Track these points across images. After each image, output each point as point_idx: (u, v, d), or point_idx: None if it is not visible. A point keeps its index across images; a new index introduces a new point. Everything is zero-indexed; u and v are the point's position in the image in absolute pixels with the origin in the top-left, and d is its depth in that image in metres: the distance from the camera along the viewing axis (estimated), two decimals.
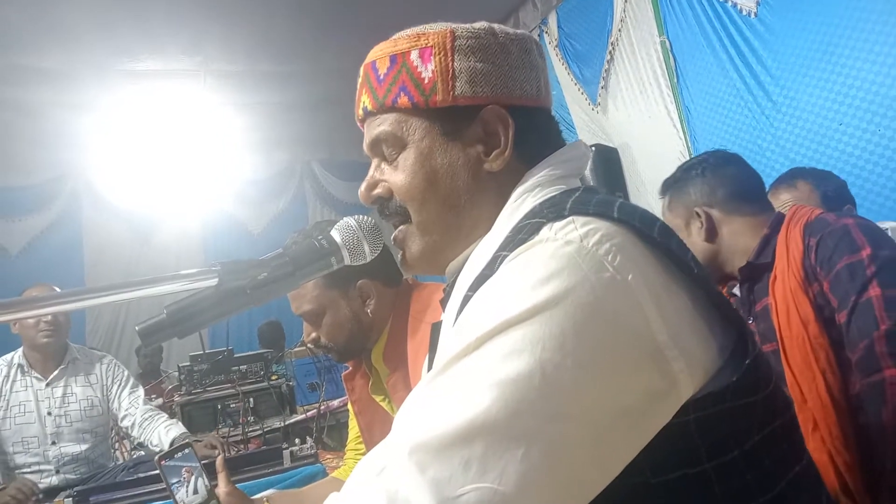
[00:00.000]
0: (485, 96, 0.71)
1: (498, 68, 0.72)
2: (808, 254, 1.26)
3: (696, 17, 2.93)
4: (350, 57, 0.89)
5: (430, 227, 0.74)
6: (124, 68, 4.23)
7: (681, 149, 3.10)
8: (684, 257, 0.59)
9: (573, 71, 3.74)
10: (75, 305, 0.61)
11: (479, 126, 0.72)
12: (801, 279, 1.25)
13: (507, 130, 0.71)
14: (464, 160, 0.72)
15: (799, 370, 1.23)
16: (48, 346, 2.54)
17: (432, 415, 0.52)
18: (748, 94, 2.68)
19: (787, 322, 1.26)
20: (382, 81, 0.73)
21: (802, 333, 1.23)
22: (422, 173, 0.72)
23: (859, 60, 2.24)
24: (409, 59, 0.71)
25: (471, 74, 0.70)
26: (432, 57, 0.70)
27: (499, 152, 0.72)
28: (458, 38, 0.71)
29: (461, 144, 0.72)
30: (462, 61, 0.71)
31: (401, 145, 0.73)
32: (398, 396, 1.33)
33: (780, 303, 1.28)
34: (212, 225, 6.02)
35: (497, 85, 0.71)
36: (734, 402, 0.56)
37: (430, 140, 0.72)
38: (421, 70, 0.71)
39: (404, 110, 0.72)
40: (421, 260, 0.76)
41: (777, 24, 2.54)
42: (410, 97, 0.71)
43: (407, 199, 0.73)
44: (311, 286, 1.34)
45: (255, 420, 2.85)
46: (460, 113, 0.71)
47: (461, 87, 0.70)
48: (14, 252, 5.21)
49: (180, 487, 1.29)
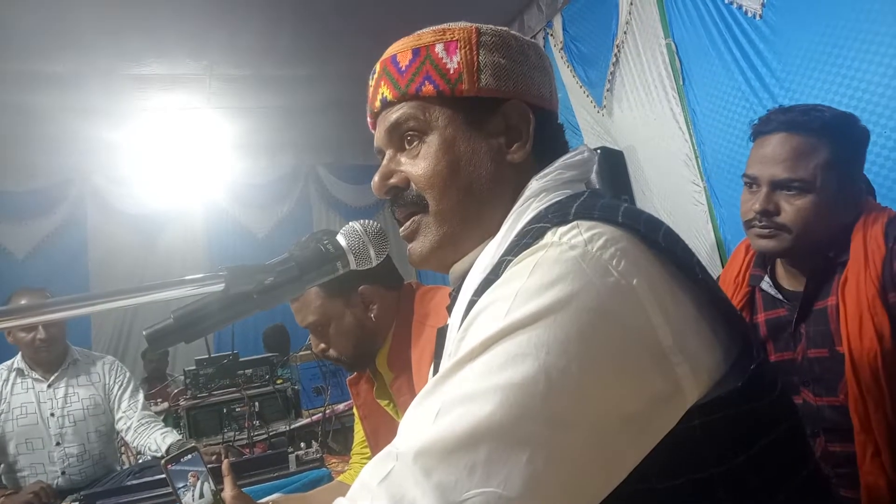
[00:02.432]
0: (507, 90, 0.73)
1: (519, 66, 0.74)
2: (890, 258, 1.13)
3: (701, 19, 2.92)
4: (355, 61, 0.89)
5: (449, 215, 0.73)
6: (130, 73, 4.25)
7: (686, 151, 3.09)
8: (689, 262, 0.59)
9: (578, 74, 3.74)
10: (82, 311, 0.62)
11: (500, 119, 0.74)
12: (880, 286, 1.12)
13: (528, 125, 0.74)
14: (486, 149, 0.73)
15: (867, 387, 1.10)
16: (47, 357, 2.56)
17: (437, 420, 0.52)
18: (753, 96, 2.67)
19: (859, 332, 1.12)
20: (405, 72, 0.73)
21: (875, 347, 1.09)
22: (445, 160, 0.73)
23: (865, 62, 2.23)
24: (433, 52, 0.73)
25: (495, 68, 0.72)
26: (458, 50, 0.72)
27: (520, 145, 0.74)
28: (483, 35, 0.73)
29: (484, 134, 0.74)
30: (487, 56, 0.73)
31: (422, 131, 0.74)
32: (403, 400, 1.33)
33: (851, 309, 1.14)
34: (216, 228, 6.03)
35: (518, 82, 0.74)
36: (739, 407, 0.56)
37: (454, 128, 0.73)
38: (446, 61, 0.72)
39: (428, 98, 0.73)
40: (432, 252, 0.75)
41: (782, 26, 2.53)
42: (436, 85, 0.72)
43: (427, 186, 0.73)
44: (314, 297, 1.34)
45: (261, 424, 2.86)
46: (484, 104, 0.73)
47: (486, 79, 0.72)
48: (20, 256, 5.24)
49: (186, 492, 1.29)
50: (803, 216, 1.18)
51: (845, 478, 1.16)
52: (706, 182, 3.00)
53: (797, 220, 1.19)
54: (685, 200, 3.13)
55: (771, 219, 1.21)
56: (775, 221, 1.21)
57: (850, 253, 1.18)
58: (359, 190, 6.28)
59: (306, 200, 6.34)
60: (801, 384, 1.25)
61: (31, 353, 2.51)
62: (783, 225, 1.20)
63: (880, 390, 1.09)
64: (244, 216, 6.11)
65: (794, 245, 1.20)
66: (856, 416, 1.11)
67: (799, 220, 1.19)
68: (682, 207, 3.15)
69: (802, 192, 1.19)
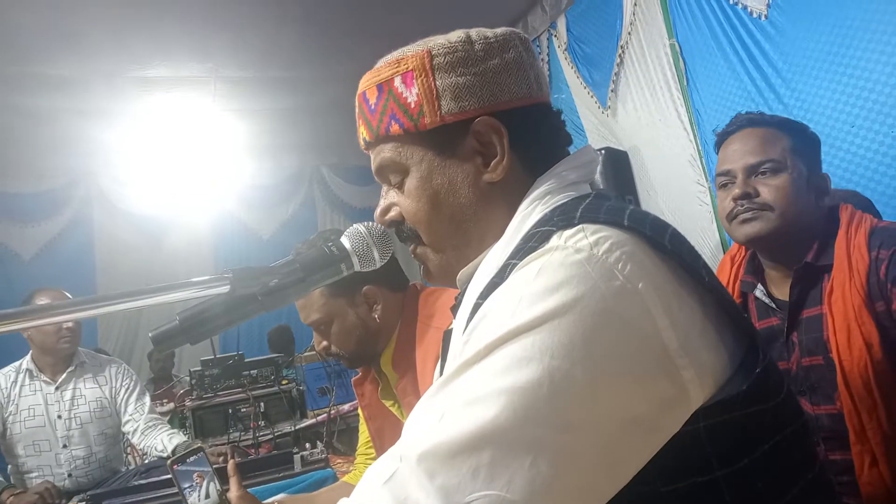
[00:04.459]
0: (472, 109, 0.71)
1: (481, 77, 0.71)
2: (875, 267, 1.13)
3: (705, 19, 2.92)
4: (359, 63, 0.89)
5: (441, 245, 0.75)
6: (135, 75, 4.27)
7: (691, 152, 3.09)
8: (695, 265, 0.59)
9: (582, 74, 3.73)
10: (90, 313, 0.62)
11: (472, 139, 0.72)
12: (866, 295, 1.12)
13: (502, 138, 0.71)
14: (462, 176, 0.72)
15: (860, 397, 1.10)
16: (66, 352, 2.57)
17: (441, 422, 0.52)
18: (759, 96, 2.66)
19: (848, 342, 1.12)
20: (374, 112, 0.74)
21: (865, 357, 1.10)
22: (425, 196, 0.73)
23: (871, 62, 2.23)
24: (393, 87, 0.72)
25: (454, 90, 0.70)
26: (414, 80, 0.71)
27: (497, 161, 0.72)
28: (436, 57, 0.71)
29: (458, 161, 0.72)
30: (443, 79, 0.70)
31: (403, 171, 0.74)
32: (407, 401, 1.33)
33: (838, 319, 1.14)
34: (221, 230, 6.05)
35: (483, 95, 0.71)
36: (744, 410, 0.56)
37: (428, 162, 0.73)
38: (406, 95, 0.71)
39: (398, 137, 0.73)
40: (438, 276, 0.78)
41: (787, 27, 2.52)
42: (401, 124, 0.72)
43: (415, 222, 0.75)
44: (318, 296, 1.35)
45: (266, 424, 2.86)
46: (451, 130, 0.71)
47: (447, 105, 0.70)
48: (27, 257, 5.26)
49: (192, 492, 1.30)
50: (783, 193, 1.22)
51: (847, 486, 1.15)
52: (710, 182, 2.99)
53: (777, 197, 1.22)
54: (689, 200, 3.13)
55: (752, 200, 1.24)
56: (756, 202, 1.23)
57: (835, 260, 1.18)
58: (363, 191, 6.30)
59: (311, 202, 6.36)
60: (798, 393, 1.24)
61: (54, 345, 2.52)
62: (765, 203, 1.23)
63: (873, 399, 1.09)
64: (249, 217, 6.13)
65: (779, 225, 1.22)
66: (851, 426, 1.11)
67: (779, 197, 1.22)
68: (686, 207, 3.15)
69: (776, 172, 1.23)
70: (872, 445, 1.09)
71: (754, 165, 1.25)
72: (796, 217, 1.22)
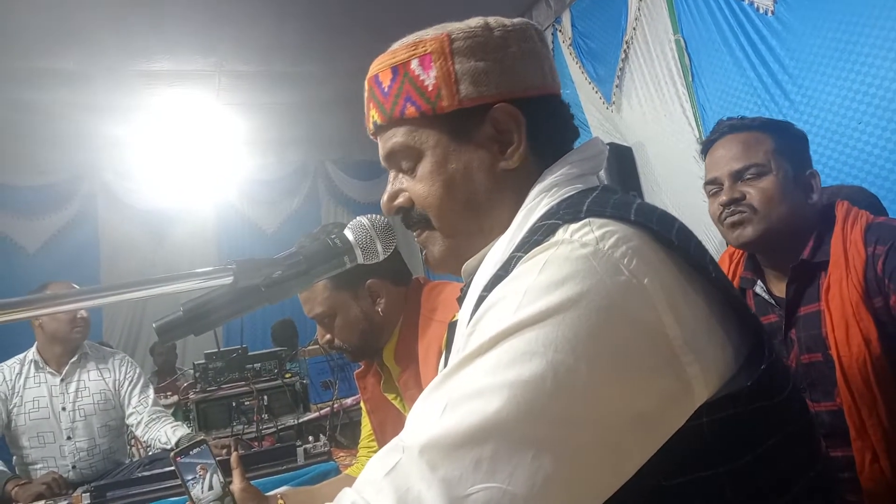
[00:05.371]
0: (490, 95, 0.70)
1: (499, 64, 0.71)
2: (872, 263, 1.13)
3: (711, 14, 2.90)
4: (363, 57, 0.89)
5: (452, 231, 0.74)
6: (139, 69, 4.27)
7: (696, 147, 3.07)
8: (702, 260, 0.59)
9: (587, 70, 3.72)
10: (94, 303, 0.63)
11: (489, 126, 0.71)
12: (863, 291, 1.12)
13: (519, 126, 0.71)
14: (478, 162, 0.72)
15: (859, 393, 1.10)
16: (77, 341, 2.60)
17: (444, 414, 0.52)
18: (765, 92, 2.65)
19: (846, 338, 1.12)
20: (388, 94, 0.73)
21: (863, 352, 1.10)
22: (439, 181, 0.72)
23: (878, 58, 2.21)
24: (410, 69, 0.71)
25: (473, 75, 0.70)
26: (432, 63, 0.70)
27: (514, 149, 0.71)
28: (456, 41, 0.70)
29: (474, 146, 0.72)
30: (462, 63, 0.70)
31: (416, 155, 0.73)
32: (410, 394, 1.33)
33: (836, 316, 1.15)
34: (225, 224, 6.07)
35: (501, 81, 0.70)
36: (749, 406, 0.55)
37: (443, 147, 0.72)
38: (423, 78, 0.70)
39: (413, 120, 0.72)
40: (443, 261, 0.77)
41: (795, 22, 2.51)
42: (417, 106, 0.71)
43: (427, 206, 0.74)
44: (321, 289, 1.35)
45: (269, 418, 2.87)
46: (469, 115, 0.71)
47: (465, 89, 0.70)
48: (32, 250, 5.29)
49: (196, 484, 1.30)
50: (767, 195, 1.24)
51: (848, 482, 1.15)
52: None
53: (762, 199, 1.25)
54: (694, 196, 3.11)
55: (739, 204, 1.27)
56: (744, 205, 1.27)
57: (831, 257, 1.19)
58: (367, 185, 6.29)
59: (315, 196, 6.36)
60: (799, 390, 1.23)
61: (66, 335, 2.54)
62: (750, 205, 1.26)
63: (872, 395, 1.09)
64: (253, 212, 6.14)
65: (766, 227, 1.24)
66: (851, 423, 1.11)
67: (764, 199, 1.24)
68: (691, 203, 3.13)
69: (760, 175, 1.26)
70: (873, 441, 1.09)
71: (739, 171, 1.28)
72: (785, 217, 1.24)
